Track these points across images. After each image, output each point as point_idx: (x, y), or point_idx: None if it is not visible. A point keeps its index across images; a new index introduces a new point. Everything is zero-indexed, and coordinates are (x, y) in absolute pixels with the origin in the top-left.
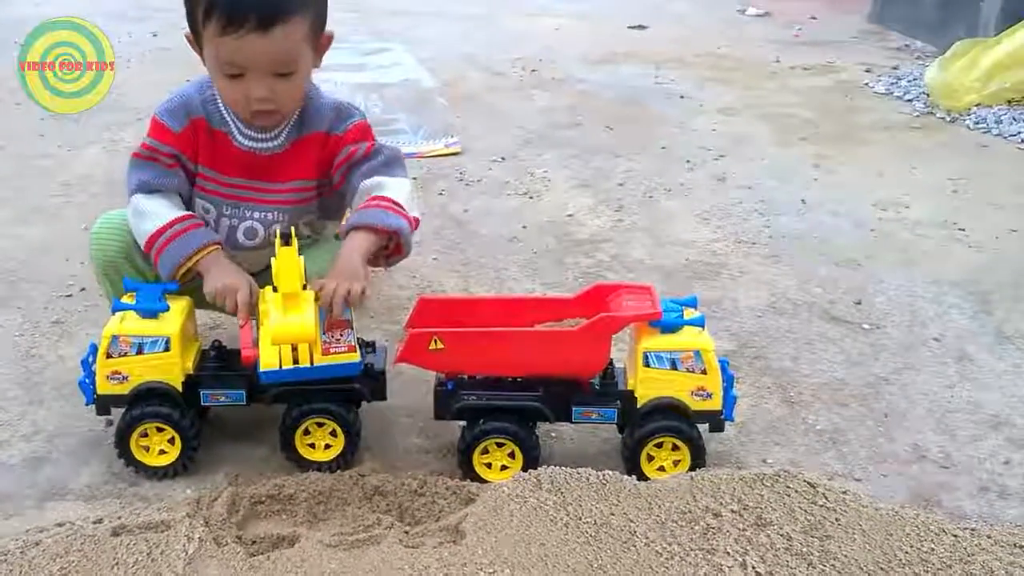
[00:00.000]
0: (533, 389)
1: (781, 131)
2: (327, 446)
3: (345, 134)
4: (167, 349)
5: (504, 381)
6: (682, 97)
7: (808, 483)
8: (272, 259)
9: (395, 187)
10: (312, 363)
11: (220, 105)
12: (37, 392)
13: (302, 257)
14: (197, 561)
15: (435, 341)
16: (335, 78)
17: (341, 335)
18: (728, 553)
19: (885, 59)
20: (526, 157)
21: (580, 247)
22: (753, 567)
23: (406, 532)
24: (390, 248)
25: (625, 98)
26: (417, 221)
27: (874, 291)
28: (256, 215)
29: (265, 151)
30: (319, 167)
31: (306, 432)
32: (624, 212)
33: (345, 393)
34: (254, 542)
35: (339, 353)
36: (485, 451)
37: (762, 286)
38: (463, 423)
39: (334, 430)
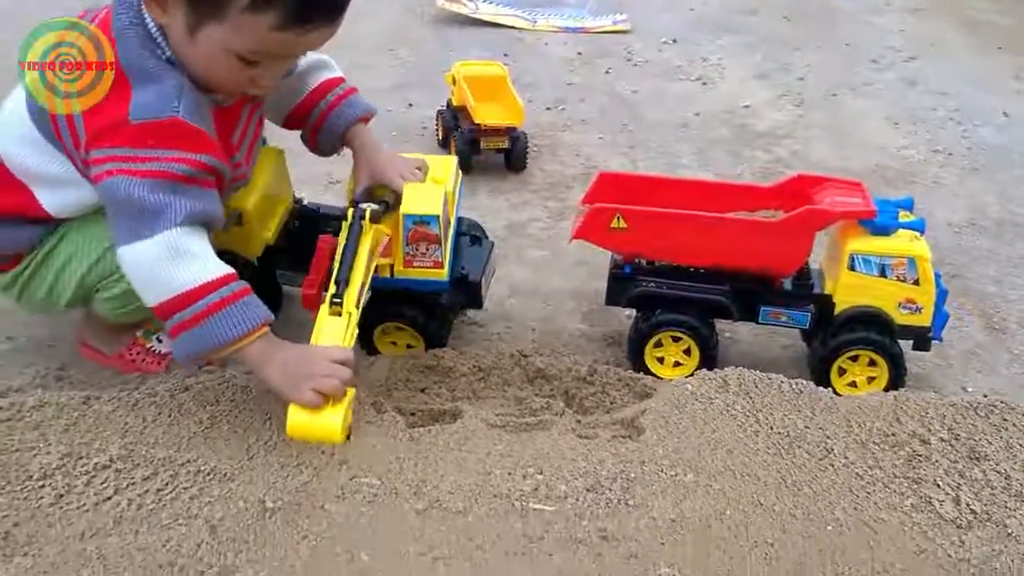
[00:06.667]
0: (718, 282)
1: (977, 37)
2: (408, 346)
3: None
4: (240, 223)
5: (686, 271)
6: None
7: None
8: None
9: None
10: (392, 275)
11: (192, 78)
12: None
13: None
14: (355, 426)
15: (618, 219)
16: None
17: (427, 249)
18: (938, 485)
19: None
20: (699, 41)
21: (757, 141)
22: (968, 504)
23: (578, 421)
24: None
25: None
26: None
27: None
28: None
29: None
30: None
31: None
32: (805, 108)
33: (427, 302)
34: (413, 413)
35: (423, 268)
36: (658, 344)
37: (960, 200)
38: (637, 312)
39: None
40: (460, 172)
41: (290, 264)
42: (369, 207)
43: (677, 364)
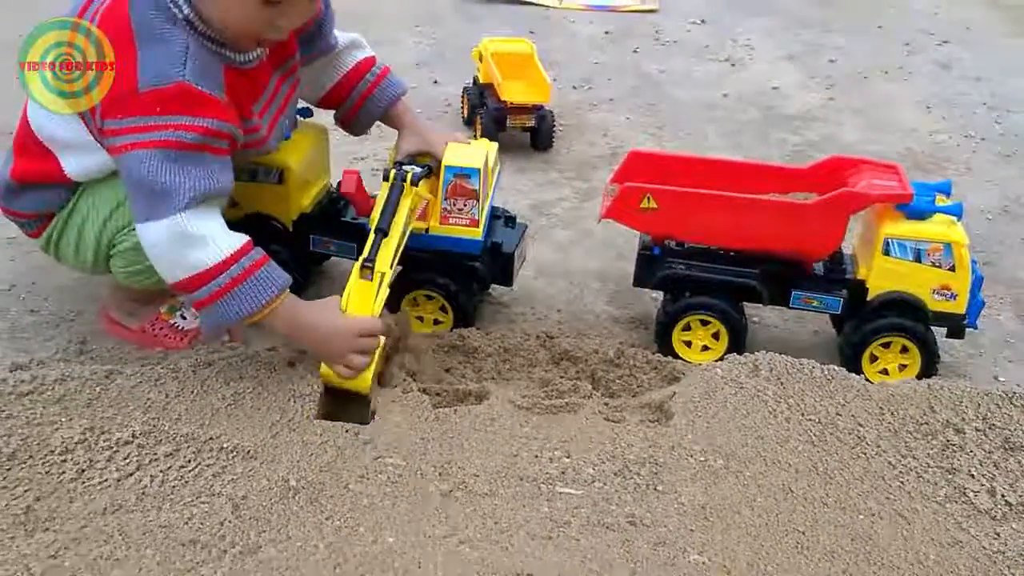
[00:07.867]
0: (749, 266)
1: (1013, 22)
2: (436, 321)
3: None
4: (280, 181)
5: (716, 253)
6: None
7: None
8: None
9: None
10: (427, 231)
11: (206, 35)
12: None
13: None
14: (380, 405)
15: (648, 199)
16: None
17: (465, 205)
18: (972, 476)
19: None
20: (728, 22)
21: (787, 123)
22: (1003, 495)
23: (606, 404)
24: None
25: None
26: None
27: None
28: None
29: (256, 60)
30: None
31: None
32: (836, 91)
33: (460, 269)
34: (438, 394)
35: (459, 226)
36: (687, 327)
37: (992, 186)
38: (665, 294)
39: (444, 306)
40: (500, 161)
41: (323, 232)
42: (412, 168)
43: (705, 348)
